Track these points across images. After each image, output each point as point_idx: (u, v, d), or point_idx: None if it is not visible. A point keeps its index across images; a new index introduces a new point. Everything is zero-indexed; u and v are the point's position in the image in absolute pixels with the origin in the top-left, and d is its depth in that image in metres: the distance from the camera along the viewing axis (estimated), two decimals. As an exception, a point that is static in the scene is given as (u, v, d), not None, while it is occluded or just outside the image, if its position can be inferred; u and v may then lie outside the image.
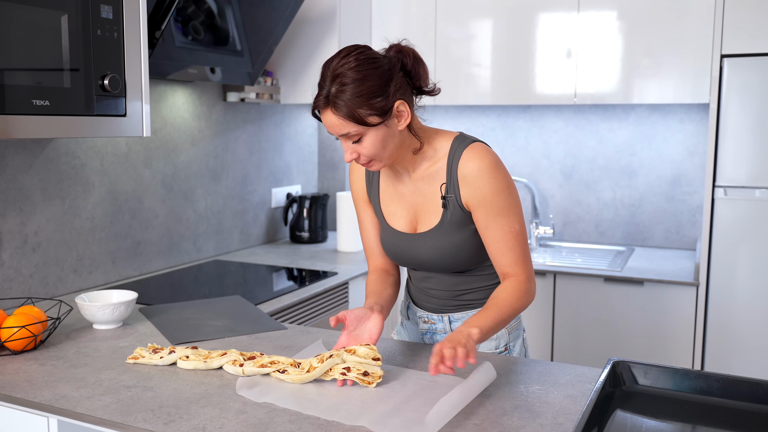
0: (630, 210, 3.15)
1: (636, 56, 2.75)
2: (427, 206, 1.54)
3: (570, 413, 1.24)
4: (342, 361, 1.40)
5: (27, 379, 1.39)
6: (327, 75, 1.39)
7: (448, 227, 1.52)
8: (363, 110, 1.36)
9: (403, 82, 1.42)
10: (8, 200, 1.94)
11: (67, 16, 1.61)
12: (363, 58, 1.38)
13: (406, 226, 1.57)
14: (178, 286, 2.36)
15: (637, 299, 2.61)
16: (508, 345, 1.63)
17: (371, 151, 1.42)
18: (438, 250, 1.53)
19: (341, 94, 1.36)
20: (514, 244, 1.48)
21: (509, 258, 1.49)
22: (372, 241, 1.67)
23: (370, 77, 1.36)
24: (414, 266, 1.63)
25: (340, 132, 1.40)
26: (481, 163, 1.47)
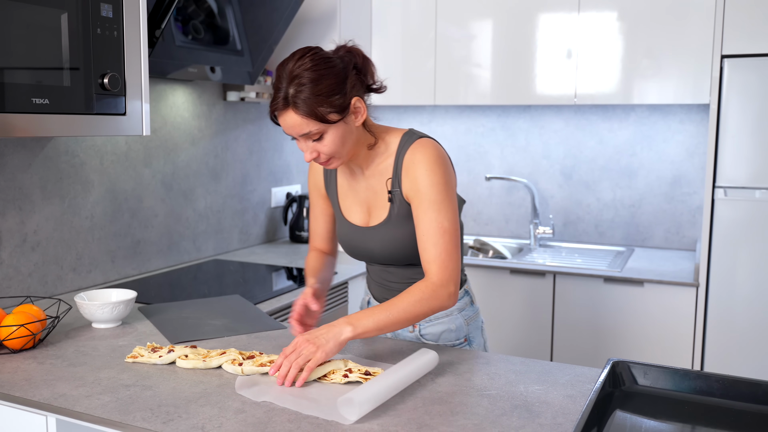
0: (630, 210, 3.15)
1: (636, 57, 2.75)
2: (377, 201, 1.60)
3: (569, 413, 1.24)
4: (344, 365, 1.41)
5: (26, 378, 1.39)
6: (283, 77, 1.42)
7: (396, 221, 1.57)
8: (323, 108, 1.41)
9: (356, 79, 1.47)
10: (8, 199, 1.94)
11: (67, 15, 1.61)
12: (318, 59, 1.42)
13: (361, 220, 1.63)
14: (178, 285, 2.36)
15: (636, 300, 2.61)
16: (467, 336, 1.69)
17: (331, 148, 1.46)
18: (388, 243, 1.59)
19: (300, 93, 1.39)
20: (438, 239, 1.47)
21: (430, 254, 1.47)
22: (318, 227, 1.76)
23: (327, 76, 1.41)
24: (368, 259, 1.68)
25: (301, 131, 1.44)
26: (422, 156, 1.51)
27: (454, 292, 1.47)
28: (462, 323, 1.68)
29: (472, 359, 1.52)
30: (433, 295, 1.44)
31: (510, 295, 2.80)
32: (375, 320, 1.39)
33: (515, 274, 2.79)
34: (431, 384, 1.37)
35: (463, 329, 1.67)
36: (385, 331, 1.41)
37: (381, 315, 1.40)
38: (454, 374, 1.43)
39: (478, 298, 2.85)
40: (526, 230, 3.33)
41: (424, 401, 1.28)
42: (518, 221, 3.36)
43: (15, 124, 1.52)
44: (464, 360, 1.52)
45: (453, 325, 1.67)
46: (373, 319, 1.39)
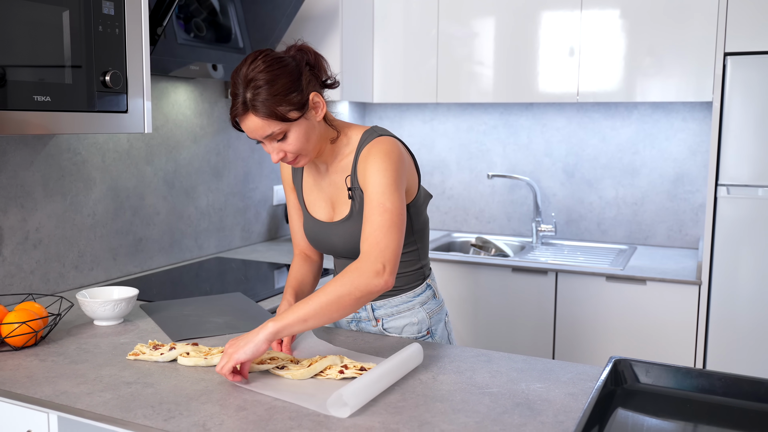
0: (632, 208, 3.14)
1: (638, 54, 2.74)
2: (339, 197, 1.62)
3: (571, 411, 1.23)
4: (340, 360, 1.41)
5: (27, 375, 1.39)
6: (239, 83, 1.43)
7: (357, 216, 1.58)
8: (282, 107, 1.42)
9: (310, 75, 1.49)
10: (9, 196, 1.94)
11: (69, 12, 1.61)
12: (270, 60, 1.43)
13: (324, 215, 1.65)
14: (179, 283, 2.36)
15: (639, 298, 2.61)
16: (430, 329, 1.70)
17: (296, 146, 1.48)
18: (349, 238, 1.60)
19: (257, 96, 1.41)
20: (376, 217, 1.42)
21: (365, 231, 1.42)
22: (295, 224, 1.76)
23: (282, 75, 1.42)
24: (332, 253, 1.70)
25: (264, 134, 1.45)
26: (375, 150, 1.52)
27: (383, 271, 1.37)
28: (424, 316, 1.69)
29: (473, 357, 1.52)
30: (358, 273, 1.37)
31: (512, 293, 2.80)
32: (296, 313, 1.33)
33: (517, 272, 2.78)
34: (433, 382, 1.37)
35: (425, 322, 1.69)
36: (312, 321, 1.34)
37: (302, 307, 1.34)
38: (456, 372, 1.43)
39: (481, 296, 2.85)
40: (528, 228, 3.33)
41: (425, 399, 1.28)
42: (520, 219, 3.36)
43: (17, 121, 1.52)
44: (466, 358, 1.52)
45: (415, 319, 1.69)
46: (295, 313, 1.34)
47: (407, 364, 1.40)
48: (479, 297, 2.85)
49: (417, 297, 1.69)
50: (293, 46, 1.51)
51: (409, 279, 1.68)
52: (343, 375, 1.37)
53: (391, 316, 1.68)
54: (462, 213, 3.48)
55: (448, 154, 3.48)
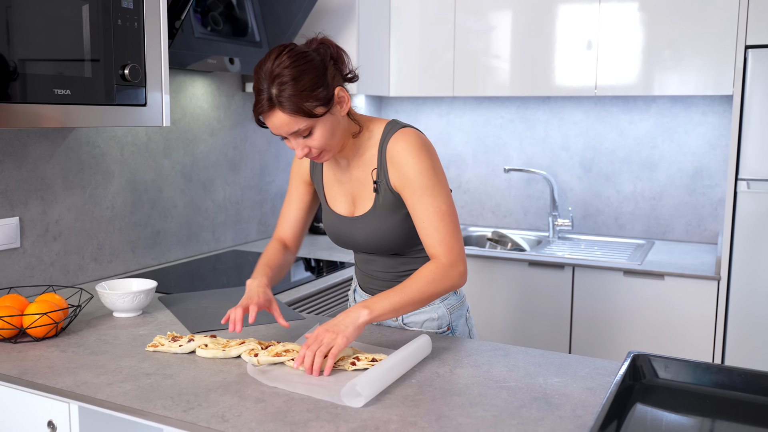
0: (650, 203, 3.12)
1: (657, 47, 2.72)
2: (361, 191, 1.61)
3: (589, 406, 1.23)
4: (353, 352, 1.43)
5: (49, 366, 1.41)
6: (263, 78, 1.41)
7: (381, 211, 1.57)
8: (309, 103, 1.40)
9: (335, 70, 1.47)
10: (30, 189, 1.96)
11: (88, 6, 1.62)
12: (296, 55, 1.41)
13: (346, 210, 1.64)
14: (197, 275, 2.37)
15: (657, 293, 2.59)
16: (450, 325, 1.70)
17: (321, 142, 1.46)
18: (373, 233, 1.59)
19: (283, 92, 1.38)
20: (440, 224, 1.48)
21: (434, 238, 1.49)
22: (290, 213, 1.74)
23: (308, 71, 1.40)
24: (353, 248, 1.69)
25: (290, 130, 1.43)
26: (406, 144, 1.51)
27: (464, 271, 1.49)
28: (444, 312, 1.69)
29: (490, 351, 1.52)
30: (445, 275, 1.46)
31: (529, 288, 2.79)
32: (391, 302, 1.41)
33: (534, 266, 2.77)
34: (450, 375, 1.37)
35: (445, 318, 1.68)
36: (401, 312, 1.43)
37: (396, 297, 1.41)
38: (473, 366, 1.43)
39: (497, 291, 2.84)
40: (545, 222, 3.31)
41: (443, 392, 1.28)
42: (537, 213, 3.34)
43: (38, 114, 1.53)
44: (483, 352, 1.51)
45: (435, 314, 1.68)
46: (389, 301, 1.41)
47: (418, 355, 1.41)
48: (495, 291, 2.85)
49: None
50: (314, 40, 1.48)
51: None
52: (355, 366, 1.38)
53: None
54: (478, 207, 3.47)
55: (464, 147, 3.47)
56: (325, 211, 1.69)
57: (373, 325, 1.72)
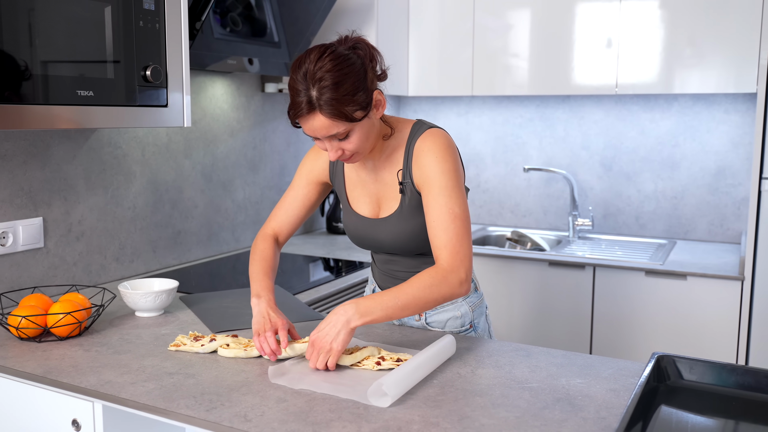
0: (672, 202, 3.09)
1: (678, 45, 2.69)
2: (387, 192, 1.59)
3: (613, 407, 1.22)
4: (378, 352, 1.42)
5: (72, 365, 1.42)
6: (302, 80, 1.37)
7: (407, 212, 1.56)
8: (350, 107, 1.38)
9: (372, 73, 1.45)
10: (53, 189, 1.98)
11: (111, 8, 1.63)
12: (338, 58, 1.38)
13: (369, 212, 1.62)
14: (217, 275, 2.38)
15: (679, 293, 2.56)
16: (472, 322, 1.69)
17: (357, 144, 1.44)
18: (398, 235, 1.58)
19: (324, 95, 1.36)
20: (449, 225, 1.44)
21: (441, 239, 1.44)
22: (291, 210, 1.69)
23: (350, 75, 1.38)
24: (376, 249, 1.68)
25: (328, 133, 1.41)
26: (432, 144, 1.50)
27: (465, 279, 1.43)
28: (467, 310, 1.68)
29: (511, 351, 1.51)
30: (443, 281, 1.40)
31: (549, 288, 2.77)
32: (383, 306, 1.36)
33: (554, 266, 2.76)
34: (471, 376, 1.36)
35: (468, 316, 1.68)
36: (394, 317, 1.37)
37: (389, 301, 1.37)
38: (495, 366, 1.42)
39: (516, 290, 2.83)
40: (565, 222, 3.29)
41: (464, 393, 1.28)
42: (557, 213, 3.32)
43: (61, 115, 1.54)
44: (505, 352, 1.51)
45: (458, 312, 1.67)
46: (381, 305, 1.36)
47: (442, 355, 1.41)
48: (514, 291, 2.83)
49: None
50: (348, 38, 1.45)
51: None
52: (380, 366, 1.37)
53: (434, 310, 1.68)
54: (497, 207, 3.46)
55: (483, 147, 3.46)
56: (347, 213, 1.67)
57: (395, 324, 1.72)
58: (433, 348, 1.39)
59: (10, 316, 1.55)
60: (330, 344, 1.35)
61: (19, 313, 1.53)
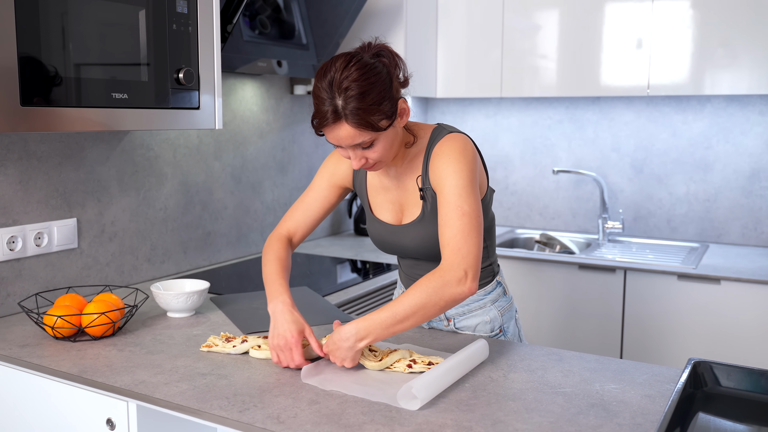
0: (704, 205, 3.04)
1: (710, 46, 2.64)
2: (409, 199, 1.58)
3: (649, 414, 1.20)
4: (409, 355, 1.42)
5: (107, 364, 1.43)
6: (326, 88, 1.36)
7: (429, 218, 1.54)
8: (375, 117, 1.37)
9: (397, 81, 1.44)
10: (87, 191, 2.01)
11: (145, 11, 1.65)
12: (364, 67, 1.36)
13: (392, 218, 1.61)
14: (246, 276, 2.40)
15: (713, 298, 2.52)
16: (502, 327, 1.67)
17: (381, 153, 1.43)
18: (422, 241, 1.56)
19: (349, 105, 1.34)
20: (456, 222, 1.39)
21: (445, 236, 1.39)
22: (310, 210, 1.66)
23: (376, 84, 1.37)
24: (401, 255, 1.67)
25: (352, 142, 1.39)
26: (447, 148, 1.48)
27: (466, 278, 1.35)
28: (496, 314, 1.67)
29: (543, 356, 1.50)
30: (441, 282, 1.34)
31: (578, 291, 2.75)
32: (382, 326, 1.32)
33: (584, 269, 2.73)
34: (504, 380, 1.35)
35: (497, 320, 1.66)
36: (398, 331, 1.33)
37: (387, 319, 1.32)
38: (527, 370, 1.41)
39: (544, 294, 2.81)
40: (594, 225, 3.26)
41: (497, 397, 1.27)
42: (586, 215, 3.29)
43: (96, 118, 1.56)
44: (536, 356, 1.49)
45: (487, 317, 1.66)
46: (380, 324, 1.33)
47: (474, 359, 1.40)
48: (543, 294, 2.81)
49: (488, 295, 1.67)
50: (370, 45, 1.44)
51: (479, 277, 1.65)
52: (411, 369, 1.37)
53: (462, 315, 1.67)
54: (525, 209, 3.43)
55: (511, 149, 3.44)
56: (370, 220, 1.66)
57: (424, 327, 1.71)
58: (464, 352, 1.39)
59: (45, 316, 1.57)
60: (341, 364, 1.36)
61: (54, 313, 1.56)
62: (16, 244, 1.81)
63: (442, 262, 1.39)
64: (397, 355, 1.41)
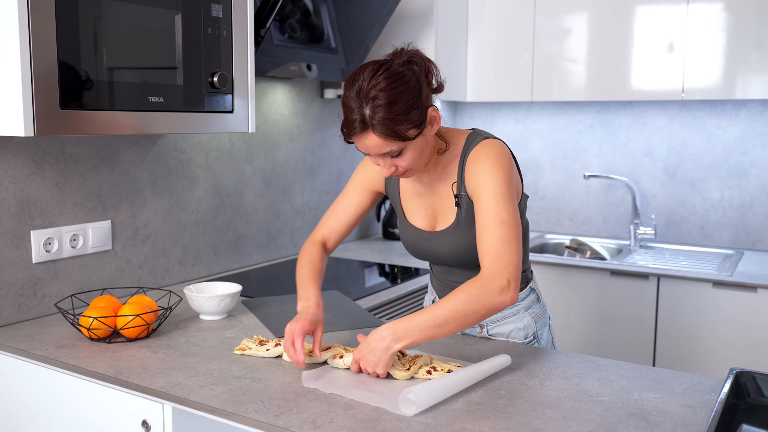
0: (739, 211, 2.98)
1: (743, 49, 2.60)
2: (443, 205, 1.56)
3: (690, 424, 1.17)
4: (430, 361, 1.42)
5: (142, 366, 1.44)
6: (354, 97, 1.35)
7: (464, 225, 1.52)
8: (403, 126, 1.36)
9: (427, 89, 1.42)
10: (121, 193, 2.03)
11: (181, 16, 1.66)
12: (392, 76, 1.35)
13: (425, 224, 1.60)
14: (276, 279, 2.40)
15: (749, 306, 2.47)
16: (536, 333, 1.65)
17: (410, 161, 1.43)
18: (456, 248, 1.55)
19: (377, 114, 1.34)
20: (495, 230, 1.38)
21: (485, 245, 1.38)
22: (344, 216, 1.67)
23: (404, 93, 1.35)
24: (434, 261, 1.65)
25: (380, 151, 1.39)
26: (483, 154, 1.47)
27: (508, 287, 1.34)
28: (530, 321, 1.64)
29: (579, 363, 1.48)
30: (484, 291, 1.33)
31: (610, 298, 2.71)
32: (420, 328, 1.31)
33: (616, 275, 2.69)
34: (540, 387, 1.34)
35: (531, 327, 1.64)
36: (436, 336, 1.32)
37: (427, 321, 1.31)
38: (563, 378, 1.39)
39: (575, 300, 2.77)
40: (626, 230, 3.21)
41: (534, 405, 1.25)
42: (617, 221, 3.25)
43: (132, 121, 1.58)
44: (572, 364, 1.47)
45: (521, 324, 1.64)
46: (419, 327, 1.31)
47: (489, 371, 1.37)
48: (573, 300, 2.77)
49: (521, 301, 1.65)
50: (402, 51, 1.42)
51: None
52: (429, 376, 1.36)
53: (496, 322, 1.65)
54: (555, 214, 3.40)
55: (541, 153, 3.41)
56: (403, 225, 1.65)
57: (457, 333, 1.70)
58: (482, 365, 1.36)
59: (81, 317, 1.58)
60: (373, 369, 1.34)
61: (90, 314, 1.57)
62: (52, 246, 1.84)
63: (483, 270, 1.37)
64: (420, 361, 1.40)
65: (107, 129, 1.53)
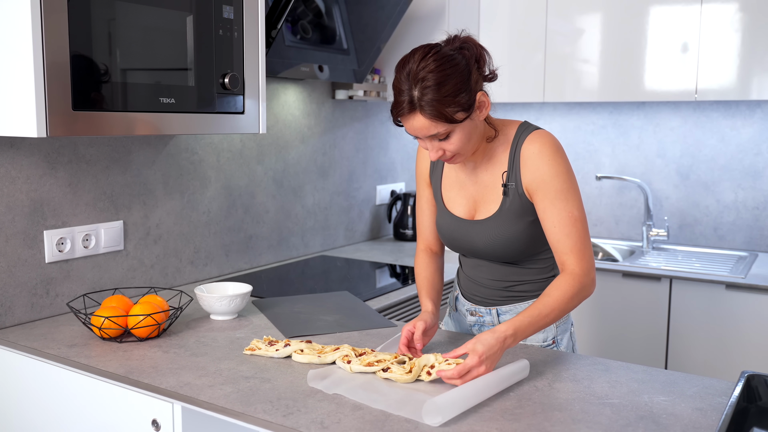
0: (753, 213, 2.96)
1: (758, 50, 2.57)
2: (486, 194, 1.56)
3: (701, 428, 1.16)
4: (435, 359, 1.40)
5: (152, 366, 1.45)
6: (406, 79, 1.38)
7: (507, 216, 1.52)
8: (451, 108, 1.37)
9: (477, 74, 1.43)
10: (134, 194, 2.04)
11: (192, 17, 1.67)
12: (441, 59, 1.37)
13: (465, 213, 1.60)
14: (287, 279, 2.41)
15: (763, 308, 2.44)
16: (555, 338, 1.64)
17: (458, 146, 1.44)
18: (494, 239, 1.55)
19: (425, 96, 1.36)
20: (571, 229, 1.45)
21: (565, 244, 1.45)
22: (426, 220, 1.71)
23: (453, 75, 1.37)
24: (468, 253, 1.65)
25: (428, 133, 1.41)
26: (542, 147, 1.48)
27: (595, 279, 1.47)
28: (551, 325, 1.62)
29: (589, 365, 1.47)
30: (582, 288, 1.44)
31: (622, 300, 2.69)
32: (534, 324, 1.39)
33: (628, 277, 2.68)
34: (549, 389, 1.33)
35: (551, 331, 1.63)
36: (536, 330, 1.41)
37: (540, 320, 1.39)
38: (572, 380, 1.38)
39: (588, 301, 2.76)
40: (638, 232, 3.19)
41: (543, 407, 1.25)
42: (629, 222, 3.23)
43: (144, 122, 1.59)
44: (582, 366, 1.46)
45: None
46: (532, 322, 1.39)
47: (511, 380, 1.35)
48: (584, 302, 2.76)
49: None
50: (456, 38, 1.44)
51: (539, 285, 1.61)
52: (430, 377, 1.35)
53: None
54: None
55: (553, 154, 3.39)
56: (441, 213, 1.65)
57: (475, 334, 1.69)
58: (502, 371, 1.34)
59: (93, 317, 1.60)
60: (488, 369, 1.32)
61: (101, 314, 1.58)
62: (64, 246, 1.85)
63: (573, 268, 1.44)
64: (422, 362, 1.39)
65: (119, 130, 1.54)
